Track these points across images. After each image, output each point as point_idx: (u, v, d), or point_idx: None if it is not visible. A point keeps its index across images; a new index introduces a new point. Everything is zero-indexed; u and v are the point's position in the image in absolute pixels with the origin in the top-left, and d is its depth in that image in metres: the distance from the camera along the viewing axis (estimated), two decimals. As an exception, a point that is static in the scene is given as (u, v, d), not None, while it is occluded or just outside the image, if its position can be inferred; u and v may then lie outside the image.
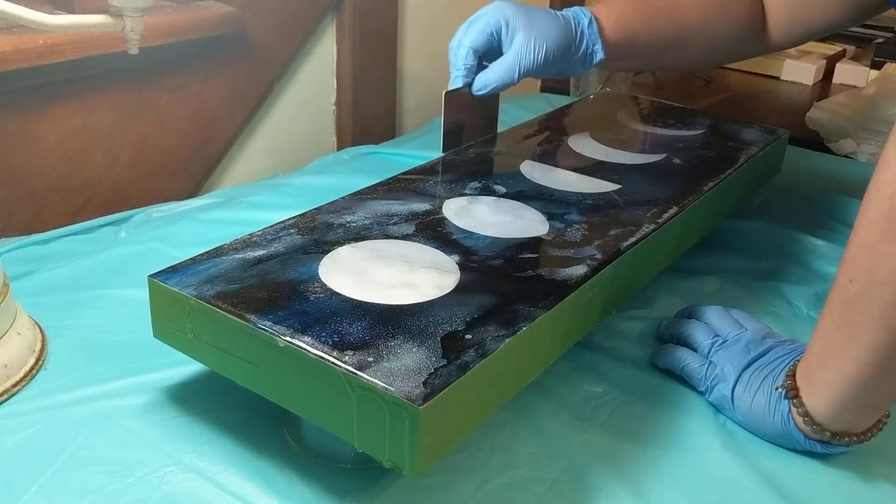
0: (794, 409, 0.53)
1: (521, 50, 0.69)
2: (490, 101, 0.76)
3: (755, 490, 0.52)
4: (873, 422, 0.53)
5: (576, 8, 0.74)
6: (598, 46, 0.73)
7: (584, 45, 0.73)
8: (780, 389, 0.54)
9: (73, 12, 0.77)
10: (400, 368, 0.44)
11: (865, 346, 0.48)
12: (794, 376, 0.54)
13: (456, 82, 0.71)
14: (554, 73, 0.74)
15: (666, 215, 0.65)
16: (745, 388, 0.56)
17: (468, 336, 0.47)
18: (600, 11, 0.74)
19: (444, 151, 0.74)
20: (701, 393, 0.60)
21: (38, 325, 0.62)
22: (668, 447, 0.55)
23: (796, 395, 0.53)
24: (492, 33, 0.70)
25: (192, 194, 0.99)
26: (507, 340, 0.47)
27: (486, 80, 0.70)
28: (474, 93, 0.71)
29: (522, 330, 0.48)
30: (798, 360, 0.54)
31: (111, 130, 0.89)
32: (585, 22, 0.73)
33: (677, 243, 0.69)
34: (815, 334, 0.52)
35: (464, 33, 0.71)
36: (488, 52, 0.71)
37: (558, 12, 0.73)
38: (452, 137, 0.75)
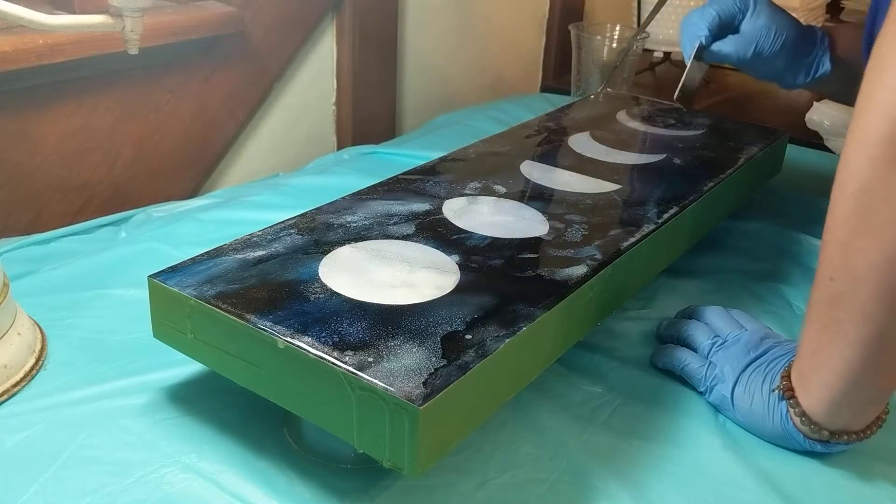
0: (791, 410, 0.53)
1: (762, 31, 0.77)
2: (697, 76, 0.82)
3: (755, 490, 0.52)
4: (871, 418, 0.53)
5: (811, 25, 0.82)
6: (826, 58, 0.81)
7: (815, 53, 0.81)
8: (777, 391, 0.54)
9: (73, 12, 0.77)
10: (400, 369, 0.44)
11: (853, 342, 0.48)
12: (789, 377, 0.54)
13: (694, 42, 0.78)
14: (778, 68, 0.81)
15: (666, 215, 0.65)
16: (745, 388, 0.56)
17: (468, 336, 0.47)
18: (833, 31, 0.82)
19: (676, 100, 0.82)
20: (701, 393, 0.60)
21: (38, 326, 0.62)
22: (668, 447, 0.55)
23: (792, 396, 0.53)
24: (739, 7, 0.78)
25: (192, 194, 0.99)
26: (507, 340, 0.47)
27: (721, 50, 0.78)
28: (706, 59, 0.79)
29: (522, 330, 0.48)
30: (793, 361, 0.54)
31: (111, 130, 0.89)
32: (819, 34, 0.81)
33: (677, 243, 0.69)
34: (804, 335, 0.52)
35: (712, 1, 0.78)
36: (720, 30, 0.79)
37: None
38: (687, 92, 0.82)
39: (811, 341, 0.51)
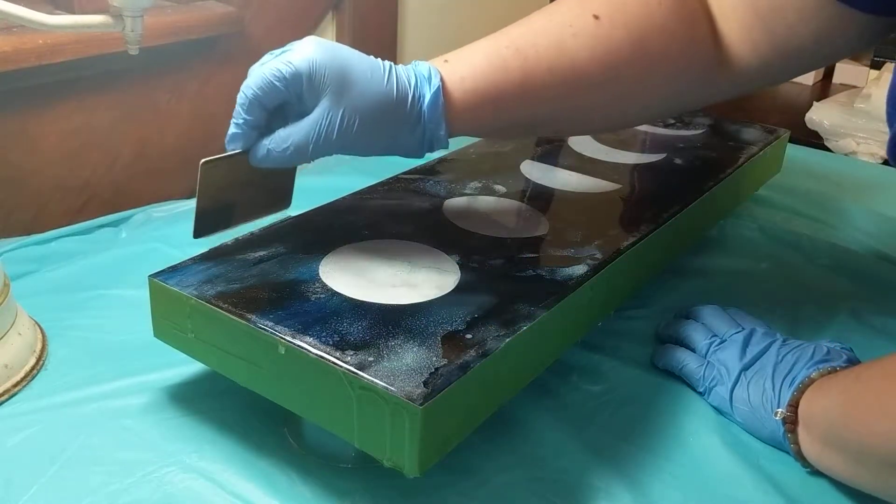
0: (788, 436, 0.52)
1: (321, 121, 0.50)
2: (284, 171, 0.56)
3: (755, 490, 0.52)
4: None
5: (419, 64, 0.53)
6: (442, 132, 0.53)
7: (423, 128, 0.53)
8: (779, 417, 0.53)
9: (73, 12, 0.77)
10: (400, 368, 0.44)
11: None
12: (796, 407, 0.52)
13: (233, 141, 0.53)
14: (378, 152, 0.55)
15: (666, 215, 0.65)
16: (744, 389, 0.56)
17: (468, 336, 0.47)
18: (450, 70, 0.53)
19: (196, 237, 0.54)
20: (700, 394, 0.60)
21: (39, 326, 0.62)
22: (668, 447, 0.55)
23: (793, 430, 0.52)
24: (290, 84, 0.51)
25: (193, 194, 0.98)
26: (508, 340, 0.47)
27: (268, 150, 0.52)
28: (252, 162, 0.53)
29: (522, 330, 0.48)
30: (804, 385, 0.53)
31: (111, 130, 0.89)
32: (427, 94, 0.51)
33: (677, 243, 0.69)
34: (846, 393, 0.50)
35: (257, 72, 0.52)
36: (284, 106, 0.53)
37: (391, 70, 0.52)
38: (213, 218, 0.55)
39: (847, 407, 0.49)
